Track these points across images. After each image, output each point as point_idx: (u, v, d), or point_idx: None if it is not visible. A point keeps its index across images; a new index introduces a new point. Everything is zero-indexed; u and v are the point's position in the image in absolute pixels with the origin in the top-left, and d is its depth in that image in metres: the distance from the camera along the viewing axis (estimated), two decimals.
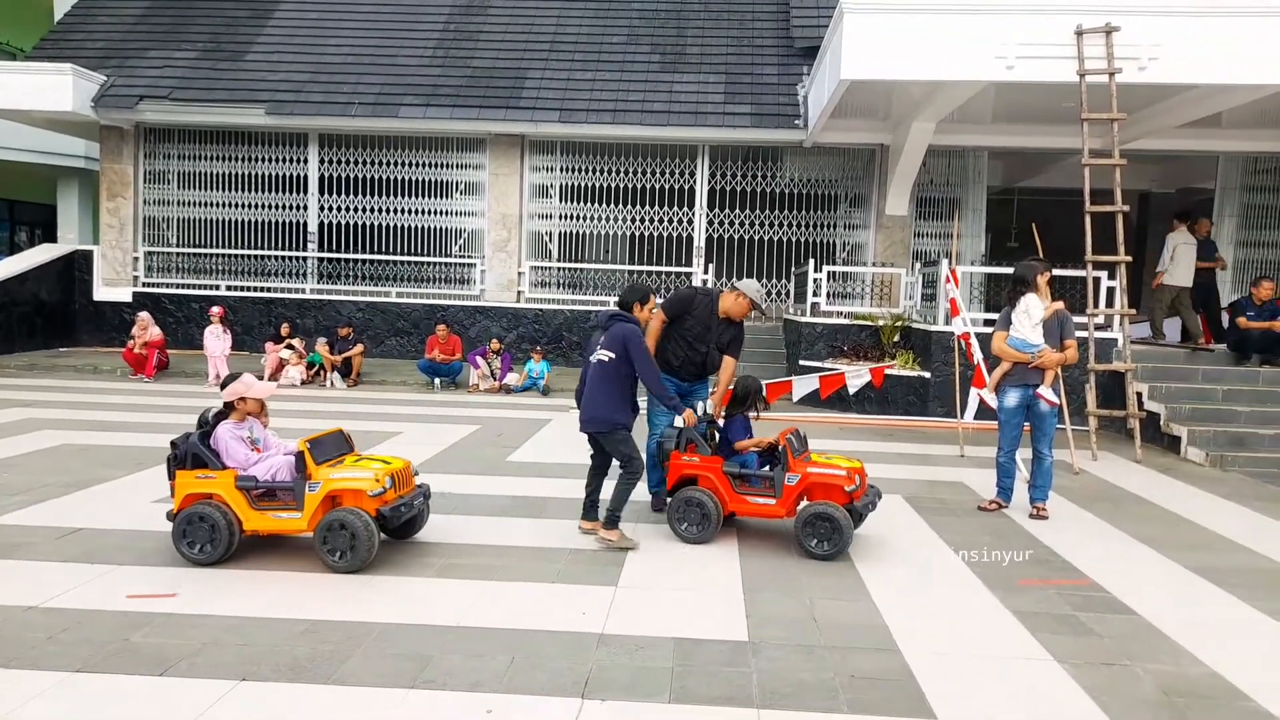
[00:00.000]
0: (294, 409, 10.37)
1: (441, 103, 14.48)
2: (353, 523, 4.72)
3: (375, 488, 4.82)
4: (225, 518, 4.85)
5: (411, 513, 5.02)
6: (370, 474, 4.90)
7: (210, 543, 4.85)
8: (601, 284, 15.29)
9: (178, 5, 16.51)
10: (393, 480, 4.97)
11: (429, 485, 5.52)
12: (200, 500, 4.94)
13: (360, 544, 4.72)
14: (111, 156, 15.30)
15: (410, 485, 5.23)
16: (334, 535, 4.76)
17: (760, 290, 6.06)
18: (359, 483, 4.85)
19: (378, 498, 4.83)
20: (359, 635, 3.94)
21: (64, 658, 3.66)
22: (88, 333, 15.44)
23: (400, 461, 5.21)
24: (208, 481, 4.95)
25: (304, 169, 15.33)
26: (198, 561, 4.85)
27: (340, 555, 4.75)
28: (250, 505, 4.94)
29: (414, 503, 5.06)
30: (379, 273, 15.41)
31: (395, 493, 4.99)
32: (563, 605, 4.37)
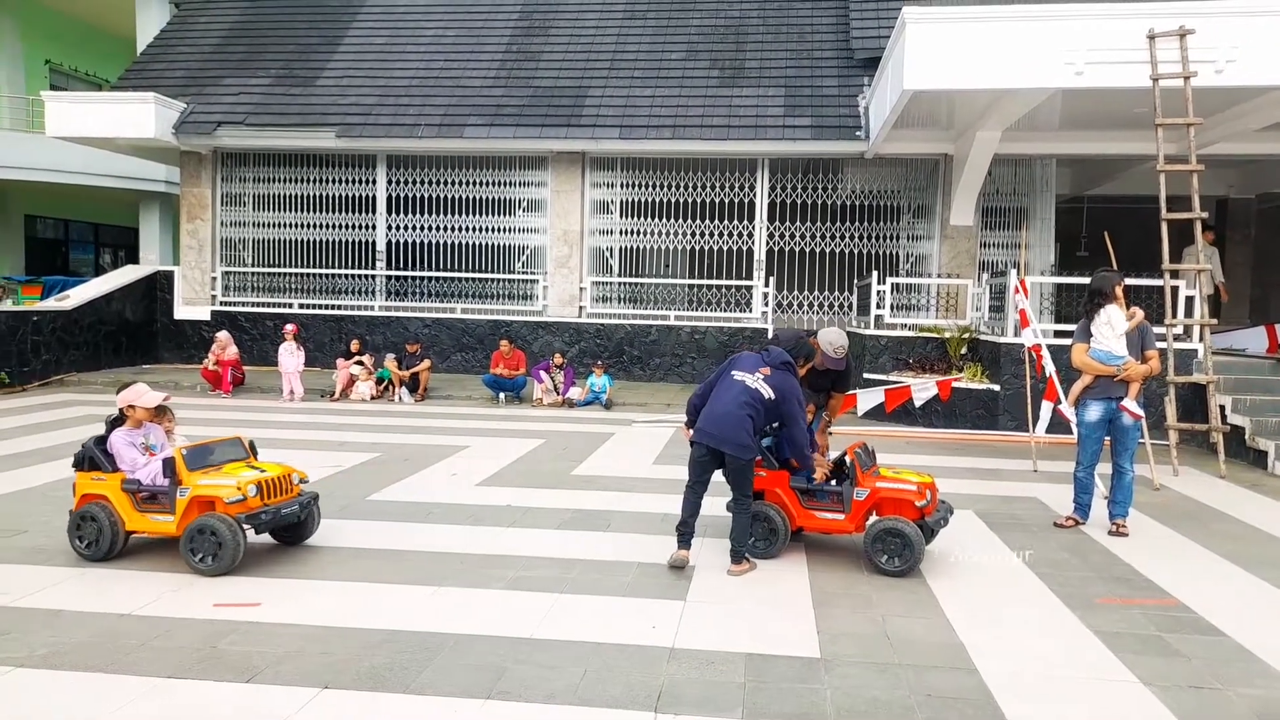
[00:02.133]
0: (363, 423, 10.64)
1: (504, 122, 14.74)
2: (219, 528, 4.93)
3: (235, 494, 5.01)
4: (110, 518, 5.20)
5: (279, 521, 5.21)
6: (233, 481, 5.08)
7: (96, 541, 5.19)
8: (662, 298, 15.35)
9: (253, 34, 17.14)
10: (259, 488, 5.12)
11: (315, 493, 5.63)
12: (93, 500, 5.29)
13: (225, 548, 4.92)
14: (191, 180, 15.93)
15: (290, 493, 5.37)
16: (199, 539, 4.97)
17: (834, 343, 5.76)
18: (219, 490, 5.05)
19: (238, 504, 5.01)
20: (435, 645, 4.03)
21: (156, 664, 3.81)
22: (169, 350, 16.05)
23: (278, 469, 5.37)
24: (99, 484, 5.31)
25: (372, 189, 15.74)
26: (86, 557, 5.22)
27: (203, 559, 4.97)
28: (134, 507, 5.27)
29: (281, 510, 5.20)
30: (444, 289, 15.71)
31: (261, 500, 5.12)
32: (632, 618, 4.40)
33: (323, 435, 9.74)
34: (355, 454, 8.65)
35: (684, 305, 15.32)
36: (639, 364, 14.95)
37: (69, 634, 4.11)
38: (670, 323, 14.96)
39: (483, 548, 5.57)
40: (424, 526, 6.09)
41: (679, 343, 14.88)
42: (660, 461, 8.59)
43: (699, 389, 5.46)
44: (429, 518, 6.32)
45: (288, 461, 5.73)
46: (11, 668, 3.74)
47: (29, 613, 4.37)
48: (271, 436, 9.53)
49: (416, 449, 8.99)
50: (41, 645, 3.97)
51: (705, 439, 5.15)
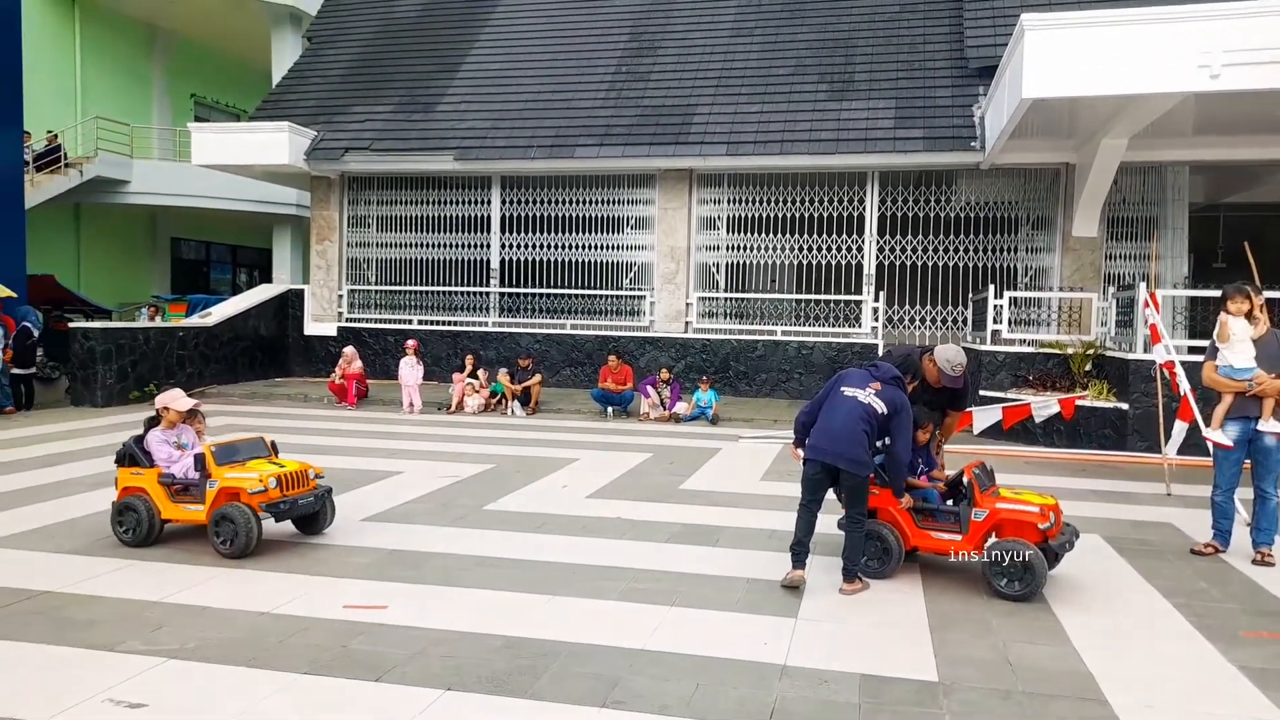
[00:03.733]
0: (478, 435, 10.99)
1: (614, 141, 15.03)
2: (235, 515, 5.51)
3: (256, 486, 5.60)
4: (148, 508, 5.83)
5: (297, 511, 5.82)
6: (255, 475, 5.67)
7: (135, 528, 5.81)
8: (768, 314, 15.28)
9: (377, 64, 18.04)
10: (278, 481, 5.69)
11: (330, 487, 6.17)
12: (132, 493, 5.91)
13: (240, 533, 5.48)
14: (320, 204, 16.86)
15: (307, 486, 5.93)
16: (221, 525, 5.58)
17: (951, 361, 5.52)
18: (243, 482, 5.63)
19: (259, 495, 5.59)
20: (552, 653, 4.14)
21: (293, 660, 4.05)
22: (299, 364, 16.98)
23: (295, 465, 5.95)
24: (138, 478, 5.96)
25: (487, 210, 16.29)
26: (126, 543, 5.82)
27: (225, 542, 5.57)
28: (169, 498, 5.91)
29: (299, 501, 5.79)
30: (555, 306, 16.08)
31: (280, 492, 5.68)
32: (743, 634, 4.41)
33: (440, 446, 10.11)
34: (471, 465, 8.95)
35: (791, 320, 15.20)
36: (745, 379, 14.91)
37: (215, 629, 4.41)
38: (777, 338, 14.87)
39: (595, 559, 5.68)
40: (538, 537, 6.25)
41: (786, 358, 14.77)
42: (768, 478, 8.55)
43: (806, 406, 5.43)
44: (543, 528, 6.49)
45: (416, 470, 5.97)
46: (166, 659, 4.04)
47: (180, 608, 4.71)
48: (393, 447, 9.97)
49: (529, 461, 9.23)
50: (192, 639, 4.28)
51: (819, 455, 5.11)
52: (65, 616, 4.55)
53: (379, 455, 9.47)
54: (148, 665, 3.95)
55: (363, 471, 8.53)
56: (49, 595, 4.86)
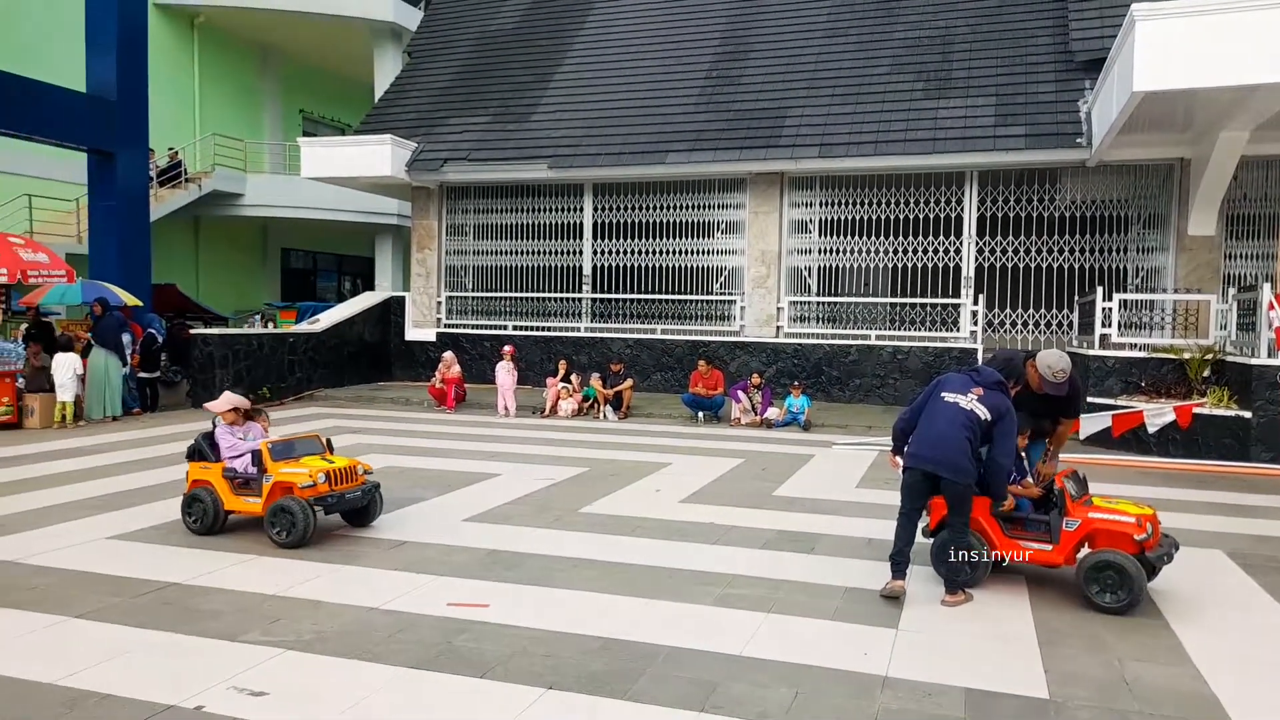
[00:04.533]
0: (571, 439, 11.15)
1: (705, 146, 15.04)
2: (293, 507, 5.92)
3: (306, 480, 6.02)
4: (213, 499, 6.31)
5: (345, 504, 6.21)
6: (306, 470, 6.08)
7: (201, 518, 6.31)
8: (862, 318, 15.02)
9: (475, 77, 18.52)
10: (327, 476, 6.09)
11: (377, 483, 6.54)
12: (200, 485, 6.40)
13: (297, 524, 5.90)
14: (420, 213, 17.41)
15: (355, 482, 6.31)
16: (279, 517, 5.98)
17: (1053, 367, 5.27)
18: (295, 477, 6.04)
19: (309, 489, 5.99)
20: (649, 655, 4.18)
21: (401, 655, 4.21)
22: (400, 369, 17.55)
23: (345, 462, 6.35)
24: (205, 471, 6.45)
25: (580, 216, 16.53)
26: (194, 531, 6.32)
27: (279, 532, 5.97)
28: (232, 491, 6.34)
29: (346, 496, 6.19)
30: (645, 311, 16.18)
31: (329, 486, 6.08)
32: (842, 643, 4.36)
33: (535, 449, 10.31)
34: (566, 468, 9.09)
35: (886, 324, 14.90)
36: (838, 385, 14.69)
37: (328, 622, 4.62)
38: (871, 342, 14.61)
39: (690, 563, 5.71)
40: (633, 540, 6.31)
41: (880, 363, 14.49)
42: (864, 485, 8.41)
43: (904, 413, 5.33)
44: (636, 532, 6.55)
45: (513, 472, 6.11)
46: (283, 650, 4.25)
47: (295, 602, 4.94)
48: (489, 450, 10.21)
49: (622, 465, 9.32)
50: (307, 632, 4.49)
51: (920, 464, 5.01)
52: (191, 607, 4.83)
53: (477, 457, 9.71)
54: (267, 655, 4.16)
55: (462, 473, 8.77)
56: (176, 587, 5.17)
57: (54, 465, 8.93)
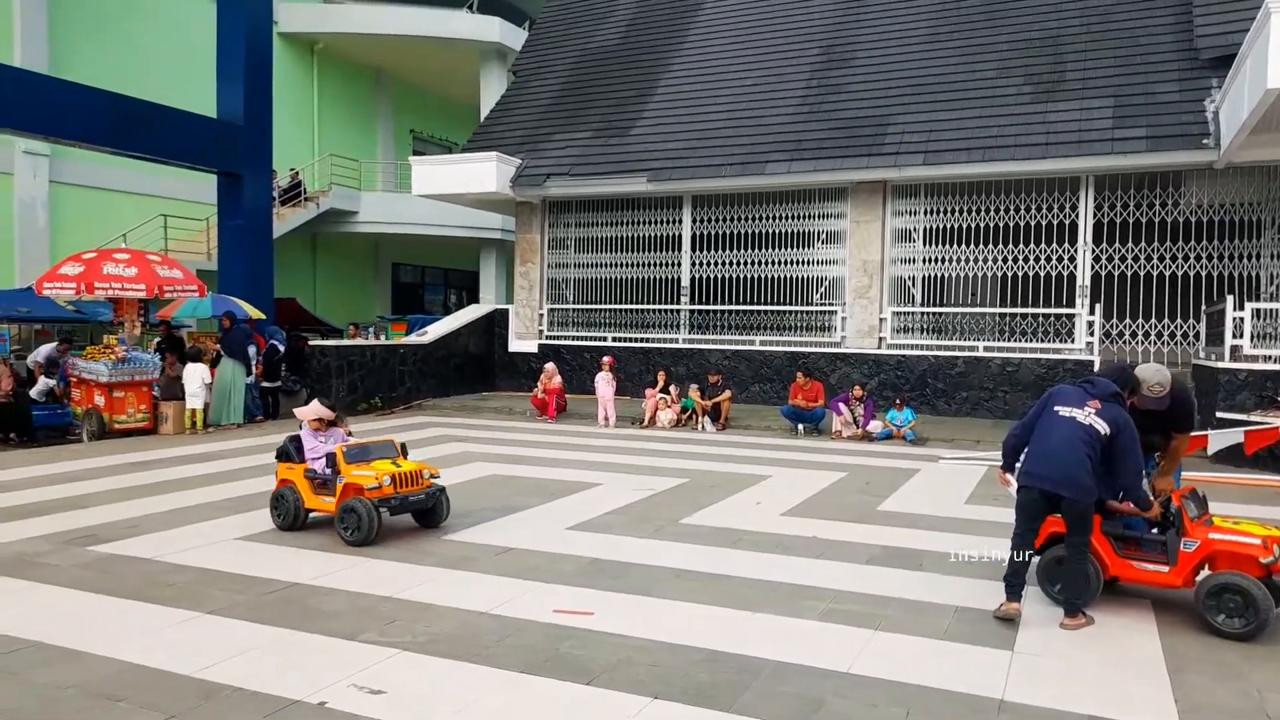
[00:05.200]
0: (670, 450, 11.20)
1: (805, 156, 14.92)
2: (359, 508, 6.27)
3: (373, 483, 6.35)
4: (295, 498, 6.76)
5: (408, 507, 6.55)
6: (373, 473, 6.40)
7: (285, 514, 6.76)
8: (969, 328, 14.57)
9: (577, 94, 18.87)
10: (392, 479, 6.40)
11: (443, 486, 6.86)
12: (285, 485, 6.86)
13: (362, 524, 6.24)
14: (524, 228, 17.83)
15: (420, 485, 6.61)
16: (347, 516, 6.35)
17: (1149, 381, 5.04)
18: (363, 479, 6.39)
19: (375, 491, 6.32)
20: (753, 669, 4.17)
21: (509, 659, 4.31)
22: (503, 379, 17.98)
23: (412, 466, 6.65)
24: (290, 471, 6.90)
25: (679, 229, 16.61)
26: (279, 527, 6.77)
27: (349, 530, 6.33)
28: (312, 491, 6.76)
29: (410, 499, 6.51)
30: (744, 322, 16.12)
31: (394, 489, 6.39)
32: (954, 664, 4.24)
33: (635, 460, 10.39)
34: (665, 479, 9.14)
35: (994, 335, 14.41)
36: (943, 397, 14.29)
37: (440, 625, 4.77)
38: (979, 354, 14.16)
39: (793, 577, 5.65)
40: (734, 552, 6.30)
41: (989, 375, 14.02)
42: (973, 501, 8.16)
43: (1015, 428, 5.15)
44: (738, 544, 6.53)
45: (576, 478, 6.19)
46: (398, 650, 4.41)
47: (408, 604, 5.12)
48: (590, 459, 10.35)
49: (721, 477, 9.30)
50: (420, 633, 4.65)
51: (1038, 482, 4.82)
52: (313, 606, 5.07)
53: (578, 467, 9.86)
54: (383, 655, 4.33)
55: (564, 482, 8.92)
56: (299, 586, 5.44)
57: (184, 469, 9.51)
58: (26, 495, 8.01)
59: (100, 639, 4.48)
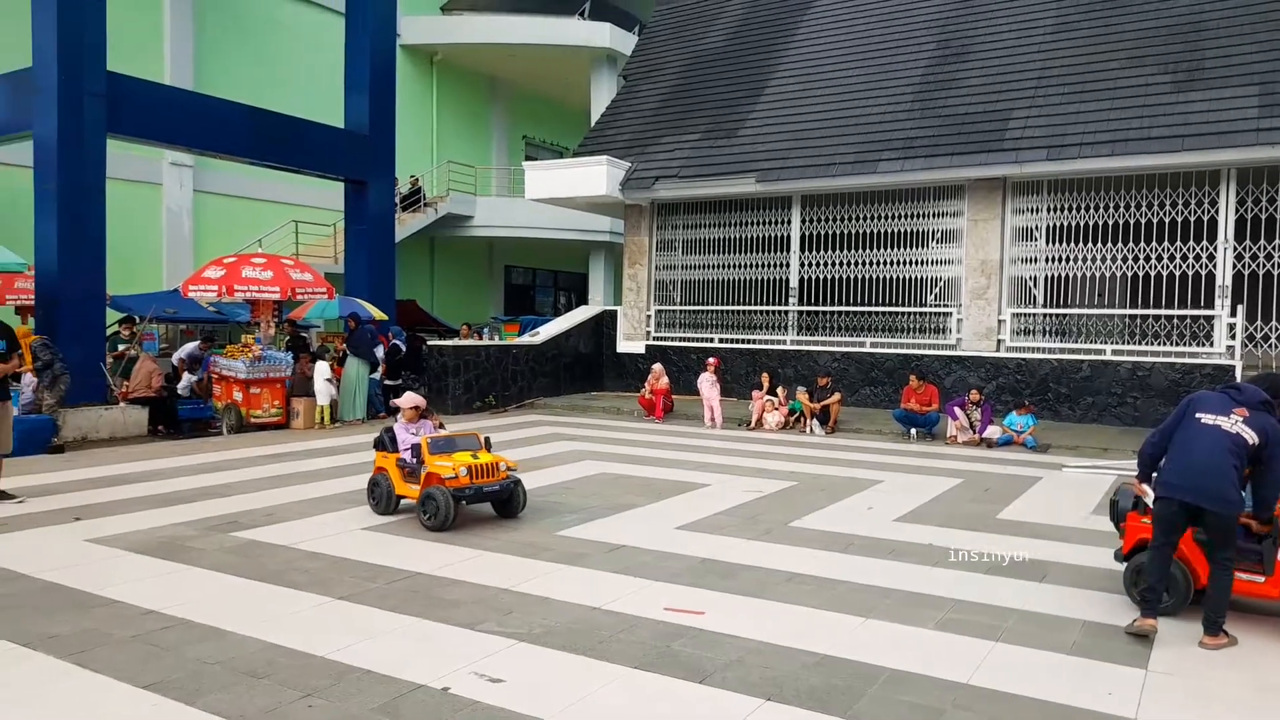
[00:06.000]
0: (777, 452, 11.12)
1: (919, 153, 14.54)
2: (437, 496, 6.72)
3: (449, 473, 6.75)
4: (387, 484, 7.29)
5: (482, 497, 6.95)
6: (450, 464, 6.79)
7: (379, 500, 7.34)
8: (1095, 330, 13.90)
9: (685, 96, 18.93)
10: (469, 470, 6.78)
11: (519, 478, 7.23)
12: (379, 472, 7.42)
13: (440, 511, 6.70)
14: (632, 230, 18.02)
15: (496, 476, 6.98)
16: (427, 503, 6.81)
17: None
18: (441, 469, 6.79)
19: (452, 480, 6.71)
20: (869, 675, 4.12)
21: (623, 654, 4.39)
22: (611, 379, 18.22)
23: (489, 458, 7.01)
24: (385, 460, 7.41)
25: (787, 229, 16.46)
26: (375, 511, 7.33)
27: (429, 516, 6.79)
28: (402, 479, 7.20)
29: (484, 489, 6.90)
30: (854, 324, 15.83)
31: (469, 479, 6.76)
32: (1082, 680, 4.08)
33: (742, 461, 10.37)
34: (773, 481, 9.09)
35: (1123, 338, 13.70)
36: (1067, 403, 13.68)
37: (555, 618, 4.90)
38: (1106, 357, 13.48)
39: (907, 584, 5.55)
40: (846, 557, 6.22)
41: (1117, 380, 13.34)
42: (1100, 511, 7.76)
43: (1153, 436, 4.90)
44: (850, 549, 6.44)
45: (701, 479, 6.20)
46: (516, 641, 4.56)
47: (525, 597, 5.28)
48: (697, 460, 10.39)
49: (831, 480, 9.19)
50: (537, 625, 4.79)
51: (1178, 493, 4.57)
52: (436, 596, 5.29)
53: (685, 467, 9.91)
54: (502, 645, 4.48)
55: (671, 482, 9.00)
56: (422, 576, 5.68)
57: (314, 462, 10.05)
58: (174, 484, 8.63)
59: (242, 619, 4.79)
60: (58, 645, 4.38)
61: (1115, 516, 5.33)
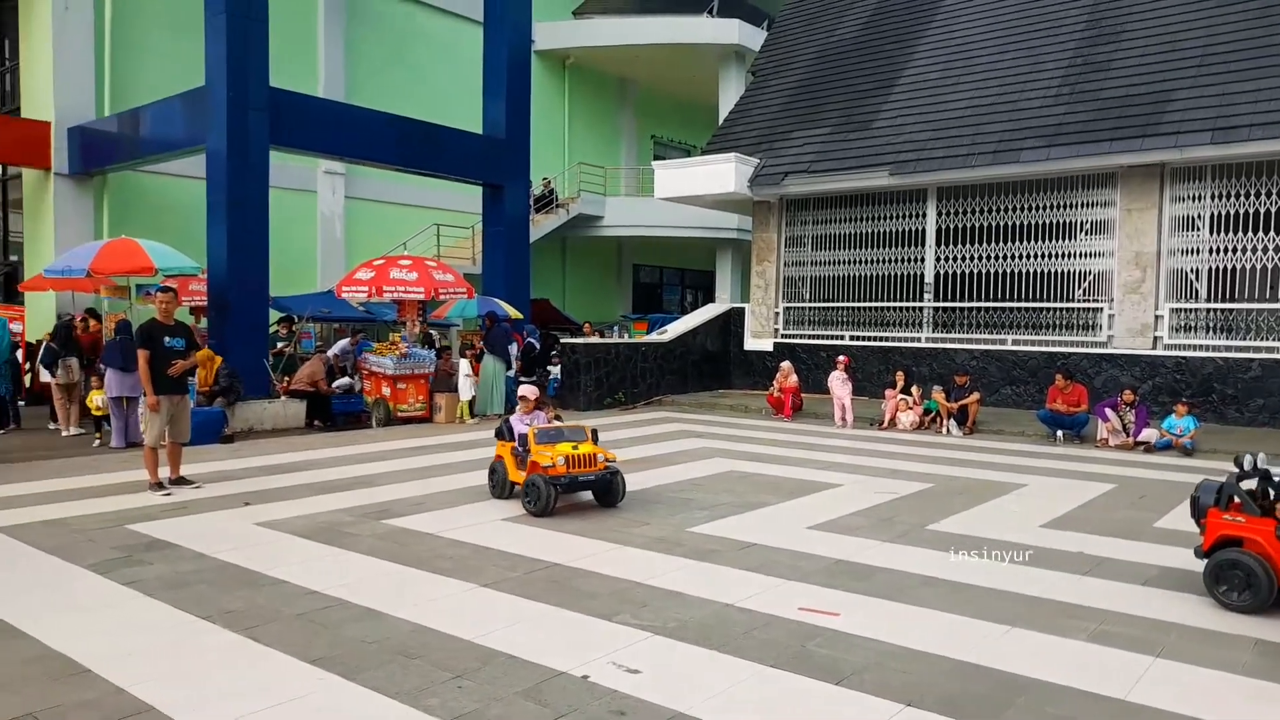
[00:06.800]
0: (912, 453, 10.83)
1: (1066, 140, 13.81)
2: (539, 483, 7.17)
3: (548, 462, 7.15)
4: (503, 470, 7.83)
5: (577, 486, 7.33)
6: (550, 454, 7.18)
7: (501, 486, 7.86)
8: (1268, 327, 12.83)
9: (816, 90, 18.65)
10: (566, 459, 7.16)
11: (617, 469, 7.57)
12: (497, 459, 7.89)
13: (540, 497, 7.13)
14: (760, 227, 17.91)
15: (593, 467, 7.33)
16: (529, 489, 7.24)
17: None
18: (541, 458, 7.19)
19: (550, 469, 7.12)
20: (1014, 686, 3.98)
21: (757, 652, 4.40)
22: (738, 377, 18.18)
23: (587, 448, 7.35)
24: (503, 448, 7.88)
25: (922, 223, 15.96)
26: (492, 495, 7.92)
27: (530, 502, 7.24)
28: (515, 466, 7.68)
29: (579, 479, 7.28)
30: (994, 320, 15.20)
31: (566, 469, 7.15)
32: (1258, 703, 3.82)
33: (874, 462, 10.16)
34: (908, 482, 8.86)
35: None
36: (1233, 404, 12.71)
37: (689, 613, 4.96)
38: (1279, 356, 12.43)
39: (1054, 593, 5.31)
40: (987, 563, 6.02)
41: None
42: None
43: None
44: (992, 554, 6.21)
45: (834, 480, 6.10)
46: (651, 634, 4.64)
47: (659, 591, 5.37)
48: (828, 460, 10.25)
49: (970, 483, 8.88)
50: (671, 619, 4.86)
51: None
52: (573, 586, 5.45)
53: (816, 466, 9.80)
54: (638, 637, 4.58)
55: (802, 481, 8.92)
56: (560, 567, 5.86)
57: (455, 455, 10.50)
58: (330, 473, 9.22)
59: (395, 602, 5.09)
60: (233, 619, 4.78)
61: (1196, 513, 5.23)
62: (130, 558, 5.98)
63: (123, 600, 5.13)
